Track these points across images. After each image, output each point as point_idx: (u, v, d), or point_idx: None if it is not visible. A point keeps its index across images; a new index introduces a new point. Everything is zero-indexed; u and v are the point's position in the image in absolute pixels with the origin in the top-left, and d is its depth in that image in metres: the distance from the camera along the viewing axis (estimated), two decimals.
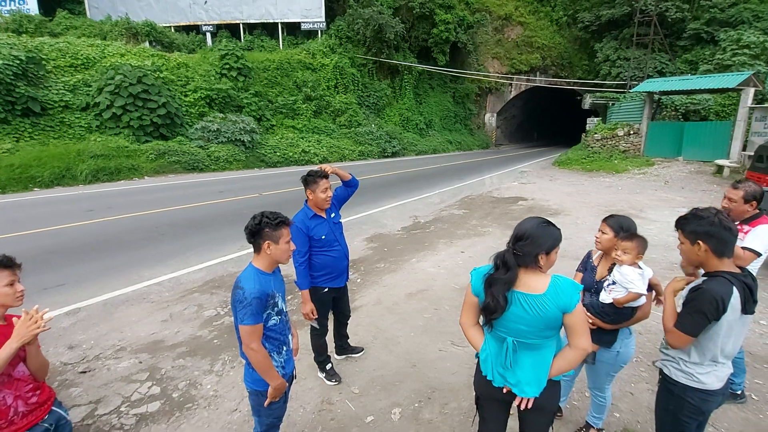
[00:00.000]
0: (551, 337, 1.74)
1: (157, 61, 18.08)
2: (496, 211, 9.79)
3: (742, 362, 3.06)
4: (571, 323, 1.68)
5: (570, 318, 1.67)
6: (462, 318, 1.95)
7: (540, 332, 1.70)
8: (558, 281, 1.70)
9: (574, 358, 1.73)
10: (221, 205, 9.76)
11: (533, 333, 1.70)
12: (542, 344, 1.73)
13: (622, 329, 2.40)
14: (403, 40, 26.88)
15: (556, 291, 1.67)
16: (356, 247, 6.96)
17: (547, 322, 1.68)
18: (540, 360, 1.75)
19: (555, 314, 1.66)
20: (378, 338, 4.02)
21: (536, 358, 1.74)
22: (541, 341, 1.72)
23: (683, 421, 1.92)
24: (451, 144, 29.61)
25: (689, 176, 14.25)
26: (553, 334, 1.74)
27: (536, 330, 1.70)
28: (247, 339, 1.91)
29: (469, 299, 1.88)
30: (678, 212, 9.12)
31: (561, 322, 1.69)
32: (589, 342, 1.70)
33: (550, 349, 1.76)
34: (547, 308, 1.66)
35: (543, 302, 1.67)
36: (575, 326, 1.69)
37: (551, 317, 1.66)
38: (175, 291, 5.11)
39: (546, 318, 1.66)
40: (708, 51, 22.38)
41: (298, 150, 19.25)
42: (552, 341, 1.75)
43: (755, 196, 2.73)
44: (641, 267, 2.30)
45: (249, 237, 2.00)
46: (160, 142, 15.54)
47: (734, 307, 1.73)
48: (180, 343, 3.94)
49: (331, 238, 3.13)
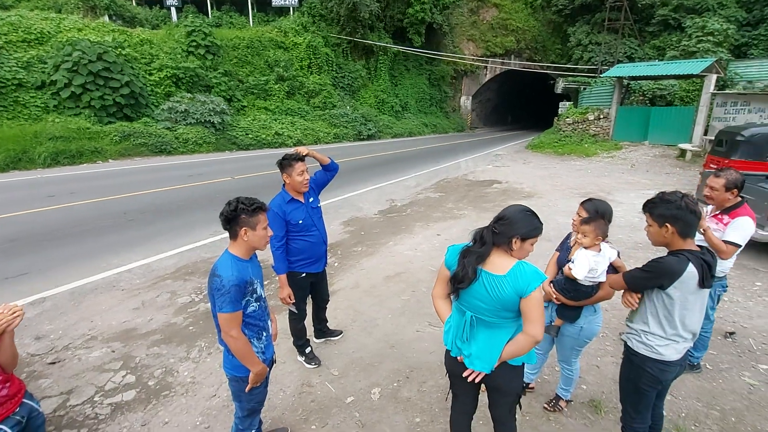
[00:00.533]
0: (508, 319, 1.80)
1: (119, 36, 17.09)
2: (472, 194, 9.93)
3: (707, 339, 3.24)
4: (524, 309, 1.73)
5: (525, 303, 1.71)
6: (434, 290, 2.04)
7: (497, 312, 1.77)
8: (521, 266, 1.75)
9: (524, 343, 1.77)
10: (192, 190, 9.47)
11: (490, 311, 1.78)
12: (499, 324, 1.80)
13: (587, 306, 2.50)
14: (378, 20, 26.35)
15: (516, 275, 1.72)
16: (333, 230, 6.93)
17: (504, 304, 1.73)
18: (494, 339, 1.82)
19: (511, 297, 1.71)
20: (357, 321, 4.06)
21: (491, 336, 1.82)
22: (498, 321, 1.79)
23: (643, 389, 2.07)
24: (427, 127, 29.59)
25: (654, 160, 14.83)
26: (511, 317, 1.79)
27: (493, 309, 1.76)
28: (227, 326, 1.89)
29: (443, 272, 1.95)
30: (644, 195, 9.52)
31: (518, 306, 1.74)
32: (540, 331, 1.73)
33: (507, 331, 1.82)
34: (505, 290, 1.72)
35: (502, 283, 1.72)
36: (528, 312, 1.73)
37: (507, 299, 1.72)
38: (147, 278, 4.98)
39: (502, 299, 1.72)
40: (675, 37, 22.99)
41: (271, 132, 18.79)
42: (509, 324, 1.81)
43: (736, 184, 2.80)
44: (602, 250, 2.37)
45: (225, 224, 1.96)
46: (125, 124, 14.84)
47: (690, 281, 1.85)
48: (154, 330, 3.86)
49: (309, 223, 3.10)
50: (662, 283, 1.87)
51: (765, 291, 4.76)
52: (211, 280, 1.92)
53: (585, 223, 2.36)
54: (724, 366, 3.39)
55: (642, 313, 2.05)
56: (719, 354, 3.56)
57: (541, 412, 2.83)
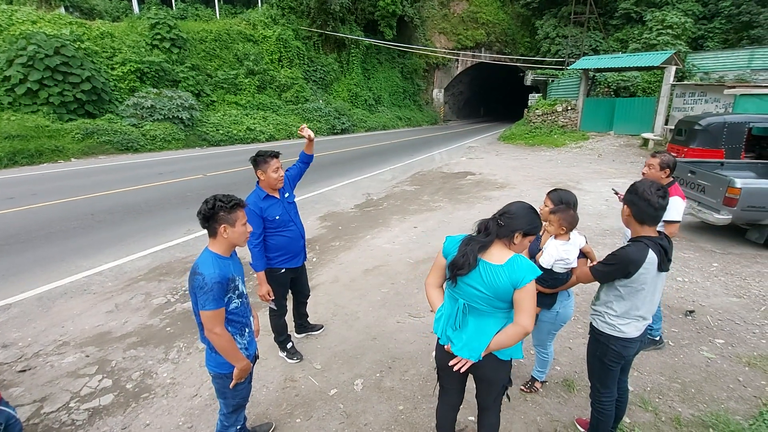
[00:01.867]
0: (500, 309, 1.85)
1: (77, 29, 16.26)
2: (447, 186, 10.08)
3: (659, 311, 3.47)
4: (518, 299, 1.78)
5: (519, 294, 1.77)
6: (428, 278, 2.08)
7: (490, 300, 1.82)
8: (518, 259, 1.81)
9: (514, 333, 1.81)
10: (163, 188, 9.21)
11: (484, 299, 1.83)
12: (491, 313, 1.85)
13: (561, 292, 2.64)
14: (349, 13, 26.10)
15: (513, 266, 1.78)
16: (310, 226, 6.91)
17: (498, 293, 1.79)
18: (483, 328, 1.86)
19: (506, 286, 1.77)
20: (337, 315, 4.09)
21: (481, 325, 1.87)
22: (490, 309, 1.84)
23: (608, 365, 2.23)
24: (401, 120, 29.67)
25: (619, 149, 15.42)
26: (503, 307, 1.84)
27: (487, 297, 1.82)
28: (210, 324, 1.89)
29: (439, 261, 2.00)
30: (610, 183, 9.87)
31: (511, 297, 1.80)
32: (531, 322, 1.78)
33: (497, 321, 1.87)
34: (501, 279, 1.77)
35: (498, 272, 1.78)
36: (521, 303, 1.78)
37: (502, 288, 1.78)
38: (119, 280, 4.84)
39: (497, 288, 1.78)
40: (637, 30, 23.83)
41: (242, 127, 18.40)
42: (501, 314, 1.86)
43: (669, 164, 3.12)
44: (572, 238, 2.50)
45: (203, 222, 1.94)
46: (87, 121, 14.18)
47: (650, 267, 2.01)
48: (129, 333, 3.78)
49: (286, 218, 3.10)
50: (628, 271, 2.02)
51: (720, 271, 5.08)
52: (192, 278, 1.91)
53: (553, 213, 2.49)
54: (684, 342, 3.62)
55: (606, 296, 2.20)
56: (680, 331, 3.80)
57: (518, 393, 2.96)
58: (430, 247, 5.87)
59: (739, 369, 3.25)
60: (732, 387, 3.05)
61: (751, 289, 4.62)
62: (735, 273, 5.03)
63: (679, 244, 5.96)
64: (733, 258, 5.50)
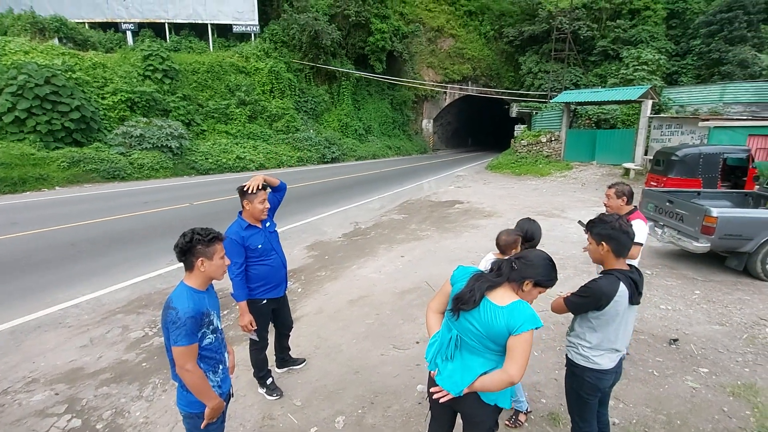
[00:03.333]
0: (491, 351, 1.79)
1: (69, 60, 16.50)
2: (435, 215, 10.15)
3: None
4: (511, 345, 1.72)
5: (513, 340, 1.71)
6: (431, 302, 2.08)
7: (482, 339, 1.78)
8: (520, 304, 1.76)
9: (499, 380, 1.75)
10: (147, 217, 9.11)
11: (477, 336, 1.79)
12: (480, 352, 1.80)
13: None
14: (340, 47, 26.95)
15: (512, 310, 1.74)
16: (296, 255, 6.86)
17: (491, 333, 1.74)
18: (470, 364, 1.82)
19: (501, 329, 1.72)
20: (320, 347, 4.01)
21: (468, 361, 1.83)
22: (480, 348, 1.80)
23: (585, 397, 2.23)
24: (390, 149, 30.14)
25: (602, 178, 15.79)
26: (494, 349, 1.79)
27: (480, 335, 1.77)
28: (182, 360, 1.84)
29: (445, 287, 1.99)
30: (594, 212, 10.05)
31: (505, 341, 1.74)
32: (519, 373, 1.71)
33: (485, 361, 1.81)
34: (498, 320, 1.73)
35: (497, 313, 1.74)
36: (513, 351, 1.72)
37: (497, 331, 1.72)
38: (96, 313, 4.70)
39: (492, 328, 1.73)
40: (614, 66, 24.99)
41: (232, 156, 18.50)
42: (490, 356, 1.81)
43: (624, 192, 3.32)
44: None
45: (180, 256, 1.92)
46: (74, 149, 14.15)
47: (622, 300, 2.04)
48: (103, 369, 3.64)
49: (268, 248, 3.08)
50: (601, 304, 2.04)
51: (703, 299, 5.13)
52: (165, 313, 1.87)
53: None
54: (669, 372, 3.61)
55: (579, 327, 2.21)
56: (665, 360, 3.79)
57: (503, 428, 2.89)
58: (416, 276, 5.85)
59: (723, 399, 3.24)
60: (717, 418, 3.03)
61: (733, 316, 4.66)
62: (717, 300, 5.08)
63: (662, 272, 6.04)
64: (714, 285, 5.57)
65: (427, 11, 33.17)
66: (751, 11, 22.92)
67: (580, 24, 26.44)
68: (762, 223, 5.52)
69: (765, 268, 5.63)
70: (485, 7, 33.68)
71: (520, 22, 29.84)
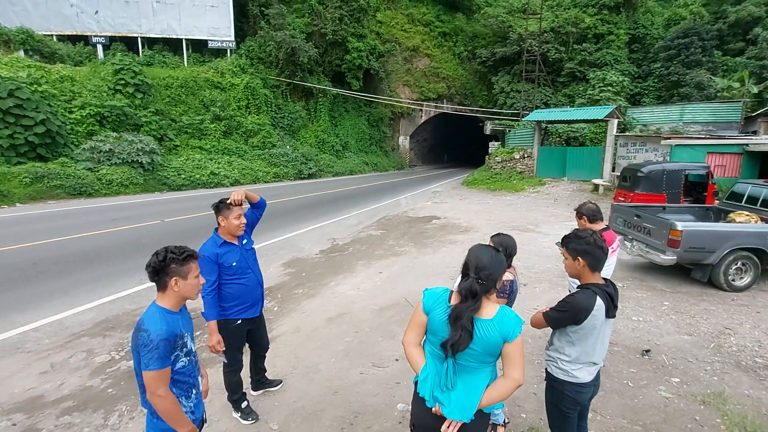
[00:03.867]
0: (488, 364, 1.82)
1: (35, 72, 15.95)
2: (412, 231, 10.19)
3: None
4: (509, 353, 1.76)
5: (509, 347, 1.75)
6: (406, 336, 1.95)
7: (480, 356, 1.77)
8: (505, 311, 1.80)
9: (507, 388, 1.78)
10: (116, 235, 8.77)
11: (474, 356, 1.77)
12: (479, 369, 1.81)
13: None
14: (317, 64, 27.15)
15: (502, 319, 1.76)
16: (273, 273, 6.72)
17: (488, 348, 1.75)
18: (473, 386, 1.80)
19: (497, 340, 1.74)
20: (297, 368, 3.90)
21: (470, 383, 1.80)
22: (478, 366, 1.80)
23: (565, 411, 2.24)
24: (368, 165, 30.27)
25: (573, 194, 16.32)
26: (491, 362, 1.82)
27: (477, 353, 1.76)
28: (154, 385, 1.74)
29: (417, 318, 1.90)
30: (567, 226, 10.32)
31: (500, 350, 1.76)
32: (522, 375, 1.76)
33: (485, 376, 1.82)
34: (491, 333, 1.74)
35: (489, 327, 1.75)
36: (512, 356, 1.76)
37: (493, 343, 1.74)
38: (59, 336, 4.44)
39: (488, 342, 1.74)
40: (582, 87, 26.18)
41: (206, 172, 18.15)
42: (488, 369, 1.83)
43: (581, 212, 3.47)
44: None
45: (152, 276, 1.84)
46: (38, 164, 13.58)
47: (599, 314, 2.08)
48: (65, 396, 3.42)
49: (243, 266, 3.00)
50: (579, 318, 2.08)
51: (671, 310, 5.31)
52: (136, 335, 1.78)
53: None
54: (643, 383, 3.69)
55: (558, 341, 2.24)
56: (638, 371, 3.87)
57: None
58: (394, 293, 5.82)
59: (695, 408, 3.32)
60: (690, 427, 3.10)
61: (700, 326, 4.83)
62: (684, 311, 5.27)
63: (632, 284, 6.23)
64: (681, 296, 5.78)
65: (403, 31, 33.97)
66: (704, 37, 24.60)
67: (548, 47, 27.67)
68: (723, 236, 5.80)
69: (727, 279, 5.89)
70: (459, 29, 34.83)
71: (492, 44, 30.96)
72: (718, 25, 27.40)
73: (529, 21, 28.40)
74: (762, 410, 3.31)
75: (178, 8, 22.97)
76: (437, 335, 1.82)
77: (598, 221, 3.42)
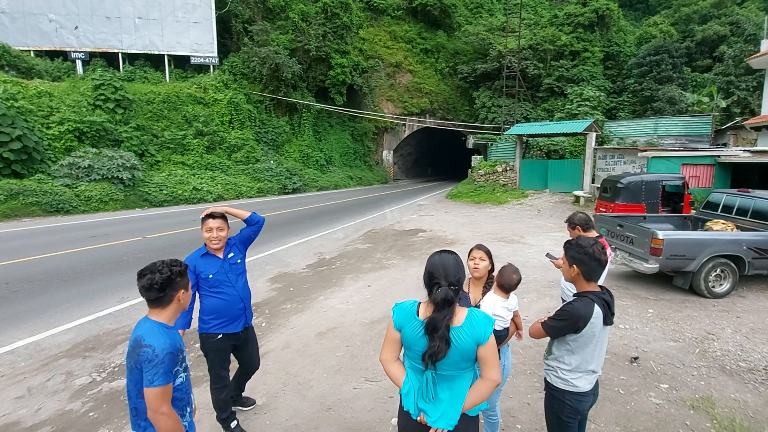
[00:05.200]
0: (467, 369, 1.81)
1: (11, 88, 15.60)
2: (399, 244, 10.19)
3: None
4: (483, 355, 1.76)
5: (483, 350, 1.75)
6: (383, 354, 1.93)
7: (456, 364, 1.77)
8: (474, 314, 1.80)
9: (486, 389, 1.79)
10: (94, 252, 8.50)
11: (450, 364, 1.77)
12: (458, 376, 1.80)
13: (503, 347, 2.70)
14: (301, 80, 27.32)
15: (472, 323, 1.76)
16: (260, 288, 6.60)
17: (463, 354, 1.75)
18: (456, 392, 1.81)
19: (470, 345, 1.74)
20: (289, 384, 3.81)
21: (453, 390, 1.81)
22: (457, 372, 1.79)
23: (565, 421, 2.23)
24: (352, 179, 30.34)
25: (555, 205, 16.64)
26: (468, 366, 1.81)
27: (452, 361, 1.76)
28: (157, 403, 1.68)
29: (391, 335, 1.89)
30: (551, 237, 10.45)
31: (475, 354, 1.77)
32: (499, 374, 1.78)
33: (466, 381, 1.82)
34: (463, 339, 1.73)
35: (460, 334, 1.74)
36: (487, 358, 1.76)
37: (466, 348, 1.74)
38: (35, 359, 4.24)
39: (462, 349, 1.73)
40: (560, 102, 26.99)
41: (188, 188, 17.89)
42: (468, 373, 1.83)
43: (572, 221, 3.53)
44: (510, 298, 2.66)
45: (158, 292, 1.78)
46: (12, 181, 13.19)
47: (597, 322, 2.10)
48: (42, 422, 3.25)
49: (222, 279, 2.96)
50: (578, 326, 2.09)
51: (656, 317, 5.41)
52: (136, 352, 1.71)
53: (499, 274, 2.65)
54: (633, 389, 3.72)
55: (557, 350, 2.24)
56: (628, 378, 3.91)
57: None
58: (384, 305, 5.78)
59: (685, 413, 3.37)
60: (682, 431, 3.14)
61: (685, 332, 4.93)
62: (669, 318, 5.37)
63: (617, 293, 6.33)
64: (665, 303, 5.90)
65: (386, 48, 34.58)
66: (674, 55, 25.76)
67: (527, 63, 28.54)
68: (702, 244, 5.98)
69: (708, 285, 6.05)
70: (440, 46, 35.66)
71: (473, 60, 31.76)
72: (686, 43, 28.74)
73: (508, 39, 29.30)
74: (749, 413, 3.37)
75: (160, 24, 22.91)
76: (413, 350, 1.82)
77: (591, 229, 3.49)
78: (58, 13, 21.42)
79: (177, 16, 23.06)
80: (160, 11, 22.81)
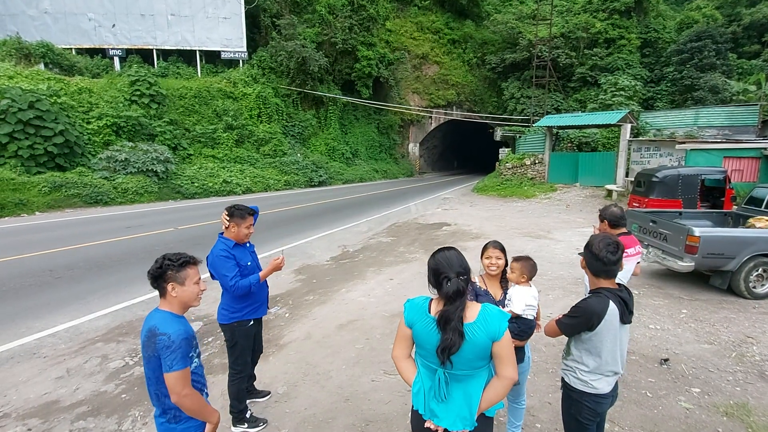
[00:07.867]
0: (481, 368, 1.75)
1: (54, 84, 16.42)
2: (422, 237, 10.15)
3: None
4: (498, 352, 1.70)
5: (498, 346, 1.69)
6: (395, 351, 1.91)
7: (470, 362, 1.71)
8: (487, 309, 1.74)
9: (502, 387, 1.74)
10: (130, 242, 8.90)
11: (464, 363, 1.71)
12: (473, 375, 1.74)
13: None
14: (327, 73, 27.45)
15: (486, 318, 1.70)
16: (284, 280, 6.74)
17: (477, 351, 1.69)
18: (470, 392, 1.75)
19: (485, 342, 1.68)
20: (309, 374, 3.88)
21: (467, 390, 1.75)
22: (471, 372, 1.73)
23: (584, 423, 2.17)
24: (377, 172, 30.36)
25: (585, 200, 16.10)
26: (483, 365, 1.75)
27: (466, 360, 1.70)
28: (179, 386, 1.78)
29: (402, 331, 1.86)
30: (579, 233, 10.12)
31: (490, 352, 1.71)
32: (515, 371, 1.72)
33: (480, 381, 1.76)
34: (477, 336, 1.67)
35: (474, 330, 1.68)
36: (503, 354, 1.70)
37: (481, 345, 1.68)
38: (74, 342, 4.50)
39: (476, 346, 1.68)
40: (593, 92, 25.96)
41: (218, 180, 18.41)
42: (482, 372, 1.76)
43: (604, 215, 3.42)
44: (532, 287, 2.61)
45: (152, 282, 1.90)
46: (56, 174, 13.92)
47: (613, 319, 2.03)
48: (80, 401, 3.45)
49: (255, 265, 3.13)
50: (592, 323, 2.02)
51: (690, 318, 5.17)
52: (152, 341, 1.79)
53: (516, 260, 2.60)
54: (662, 393, 3.58)
55: (576, 350, 2.18)
56: (657, 381, 3.76)
57: None
58: (405, 299, 5.77)
59: (717, 419, 3.22)
60: None
61: (721, 335, 4.69)
62: (704, 319, 5.12)
63: (649, 292, 6.10)
64: (700, 304, 5.63)
65: (412, 39, 34.18)
66: (718, 41, 24.23)
67: (558, 52, 27.54)
68: (743, 242, 5.65)
69: (748, 286, 5.72)
70: (468, 36, 34.90)
71: (502, 50, 30.95)
72: (732, 28, 27.00)
73: (538, 27, 28.34)
74: None
75: (192, 21, 23.51)
76: (425, 347, 1.77)
77: (619, 227, 3.33)
78: (96, 12, 22.35)
79: (207, 12, 23.59)
80: (191, 8, 23.40)
